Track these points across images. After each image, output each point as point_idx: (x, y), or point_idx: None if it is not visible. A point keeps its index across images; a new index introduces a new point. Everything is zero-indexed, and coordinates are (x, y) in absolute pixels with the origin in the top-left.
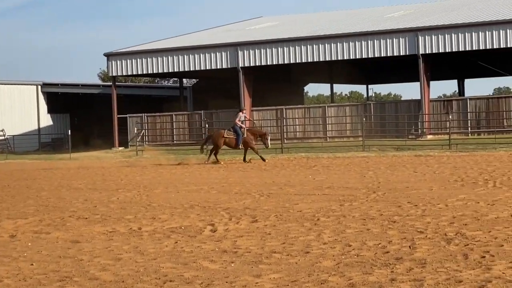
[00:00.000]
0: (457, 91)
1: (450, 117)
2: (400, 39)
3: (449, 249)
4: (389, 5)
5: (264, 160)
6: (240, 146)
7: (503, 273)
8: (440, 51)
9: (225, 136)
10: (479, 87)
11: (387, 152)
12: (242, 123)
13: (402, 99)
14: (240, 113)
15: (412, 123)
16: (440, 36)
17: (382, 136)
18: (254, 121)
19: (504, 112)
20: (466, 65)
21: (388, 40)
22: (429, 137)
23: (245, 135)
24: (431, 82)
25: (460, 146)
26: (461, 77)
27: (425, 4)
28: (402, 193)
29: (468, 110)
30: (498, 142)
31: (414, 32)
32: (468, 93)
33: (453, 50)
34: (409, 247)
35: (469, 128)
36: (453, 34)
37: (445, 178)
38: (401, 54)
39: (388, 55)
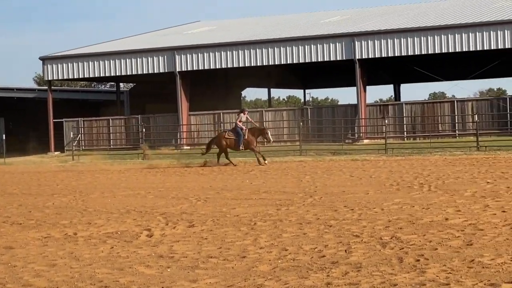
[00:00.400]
0: (393, 96)
1: (386, 121)
2: (337, 44)
3: (385, 253)
4: (326, 10)
5: (264, 161)
6: (241, 148)
7: (437, 276)
8: (376, 56)
9: (226, 137)
10: (415, 92)
11: (324, 157)
12: (243, 124)
13: (339, 103)
14: (242, 114)
15: (348, 127)
16: (376, 41)
17: (319, 140)
18: (256, 123)
19: (439, 117)
20: (402, 70)
21: (324, 45)
22: (366, 141)
23: (246, 136)
24: (368, 87)
25: (396, 151)
26: (397, 82)
27: (361, 9)
28: (339, 197)
29: (404, 115)
30: (433, 147)
31: (350, 37)
32: (404, 98)
33: (389, 55)
34: (345, 251)
35: (405, 132)
36: (389, 40)
37: (381, 182)
38: (338, 59)
39: (325, 59)
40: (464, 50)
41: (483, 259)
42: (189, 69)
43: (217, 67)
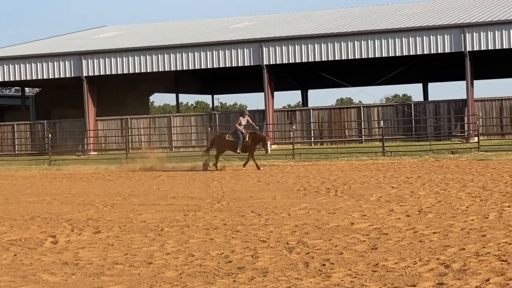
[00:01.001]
0: (301, 101)
1: (294, 127)
2: (245, 49)
3: (291, 258)
4: (233, 16)
5: (259, 168)
6: (238, 151)
7: (342, 280)
8: (284, 62)
9: (226, 139)
10: (322, 97)
11: (232, 162)
12: (244, 128)
13: (247, 109)
14: (241, 117)
15: None
16: (283, 47)
17: None
18: (256, 126)
19: (346, 122)
20: (310, 76)
21: (232, 50)
22: (274, 146)
23: (246, 140)
24: (276, 93)
25: (304, 156)
26: (305, 88)
27: (269, 15)
28: (246, 202)
29: (311, 120)
30: (340, 152)
31: (258, 43)
32: (312, 103)
33: (297, 61)
34: (252, 256)
35: (312, 138)
36: (296, 45)
37: (288, 187)
38: (246, 64)
39: (233, 65)
40: (370, 56)
41: (387, 263)
42: (96, 74)
43: (124, 72)
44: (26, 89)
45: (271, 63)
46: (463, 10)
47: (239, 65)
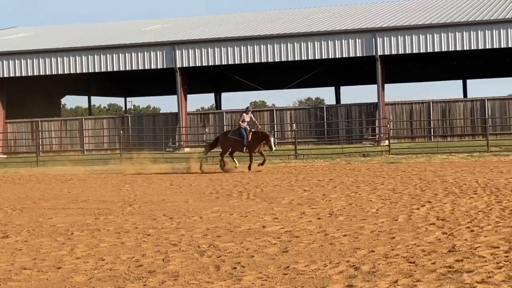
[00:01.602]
0: (214, 104)
1: (207, 130)
2: (158, 52)
3: (202, 261)
4: (147, 18)
5: (249, 169)
6: (245, 150)
7: (253, 283)
8: (197, 64)
9: (229, 136)
10: (236, 100)
11: (145, 165)
12: (246, 124)
13: (161, 112)
14: (244, 114)
15: (169, 135)
16: (196, 50)
17: (140, 149)
18: (259, 125)
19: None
20: (223, 79)
21: (145, 53)
22: (187, 149)
23: (249, 139)
24: (189, 95)
25: (217, 159)
26: (218, 91)
27: (182, 18)
28: (158, 206)
29: (224, 123)
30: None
31: (171, 45)
32: (225, 106)
33: (209, 64)
34: (163, 260)
35: None
36: (209, 48)
37: (200, 190)
38: (159, 67)
39: (146, 68)
40: (283, 60)
41: (298, 265)
42: (5, 75)
43: (35, 74)
44: None
45: (184, 65)
46: (374, 14)
47: (152, 67)
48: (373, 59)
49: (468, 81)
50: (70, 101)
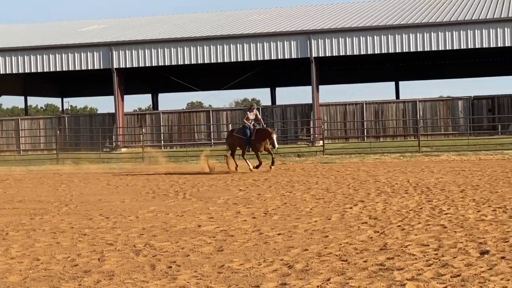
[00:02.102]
0: (151, 105)
1: (144, 130)
2: (94, 53)
3: (138, 260)
4: (83, 19)
5: (251, 169)
6: (247, 149)
7: (188, 282)
8: (134, 65)
9: (233, 134)
10: (173, 101)
11: (82, 165)
12: (251, 122)
13: (98, 112)
14: (249, 112)
15: (107, 136)
16: (133, 50)
17: (77, 149)
18: (264, 124)
19: (195, 126)
20: (160, 79)
21: (82, 53)
22: (124, 150)
23: (253, 137)
24: (126, 96)
25: (154, 159)
26: (155, 92)
27: (119, 19)
28: (95, 205)
29: (161, 124)
30: (190, 155)
31: (108, 46)
32: (163, 107)
33: (147, 65)
34: (98, 259)
35: (162, 141)
36: (146, 49)
37: (137, 190)
38: (96, 68)
39: (83, 68)
40: (219, 61)
41: (233, 264)
42: None
43: None
44: None
45: (121, 66)
46: (309, 17)
47: (89, 68)
48: (308, 61)
49: (401, 83)
50: (6, 101)
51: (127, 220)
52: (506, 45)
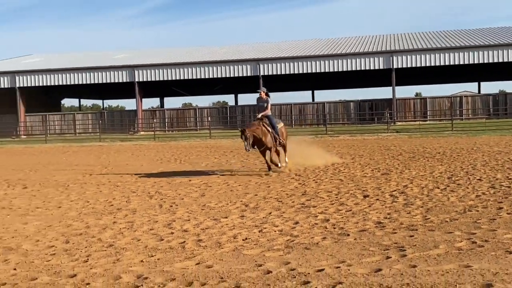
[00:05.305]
0: (160, 104)
1: (155, 120)
2: (123, 72)
3: (151, 202)
4: (115, 49)
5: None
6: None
7: (182, 215)
8: (149, 80)
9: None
10: (173, 102)
11: (115, 142)
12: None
13: (125, 109)
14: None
15: (131, 124)
16: (148, 70)
17: (112, 132)
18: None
19: (187, 118)
20: (165, 88)
21: (115, 72)
22: (142, 133)
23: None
24: (144, 99)
25: (161, 139)
26: (162, 96)
27: (139, 50)
28: (123, 168)
29: (166, 117)
30: (183, 136)
31: (131, 67)
32: (167, 106)
33: (157, 79)
34: (126, 201)
35: (166, 128)
36: (156, 69)
37: (151, 158)
38: (124, 81)
39: (115, 81)
40: (202, 77)
41: (211, 204)
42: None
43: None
44: None
45: (140, 80)
46: (258, 49)
47: (119, 81)
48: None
49: (315, 91)
50: (67, 102)
51: (144, 177)
52: (379, 68)
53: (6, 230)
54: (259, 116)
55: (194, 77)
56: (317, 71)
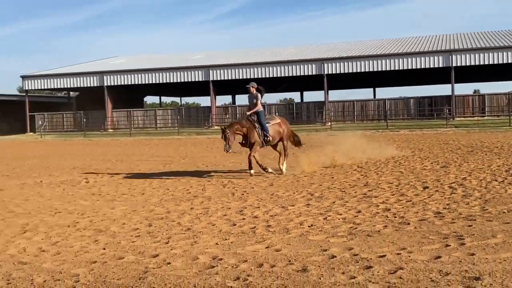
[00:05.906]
0: (231, 101)
1: (227, 116)
2: (199, 71)
3: (224, 190)
4: (192, 51)
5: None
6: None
7: (253, 202)
8: (222, 78)
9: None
10: (245, 99)
11: (191, 136)
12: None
13: (201, 105)
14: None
15: (206, 119)
16: (222, 70)
17: (189, 127)
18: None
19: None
20: (237, 86)
21: (192, 72)
22: (215, 127)
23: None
24: (218, 96)
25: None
26: (234, 94)
27: (213, 52)
28: (199, 159)
29: (237, 112)
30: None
31: (207, 67)
32: (238, 102)
33: (229, 78)
34: (202, 189)
35: None
36: (229, 69)
37: (222, 150)
38: (200, 80)
39: (191, 80)
40: (262, 77)
41: (279, 193)
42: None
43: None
44: (71, 93)
45: (215, 79)
46: (321, 50)
47: (196, 80)
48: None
49: (377, 89)
50: (149, 100)
51: (218, 168)
52: (439, 66)
53: (96, 214)
54: (249, 113)
55: (263, 76)
56: (379, 70)
